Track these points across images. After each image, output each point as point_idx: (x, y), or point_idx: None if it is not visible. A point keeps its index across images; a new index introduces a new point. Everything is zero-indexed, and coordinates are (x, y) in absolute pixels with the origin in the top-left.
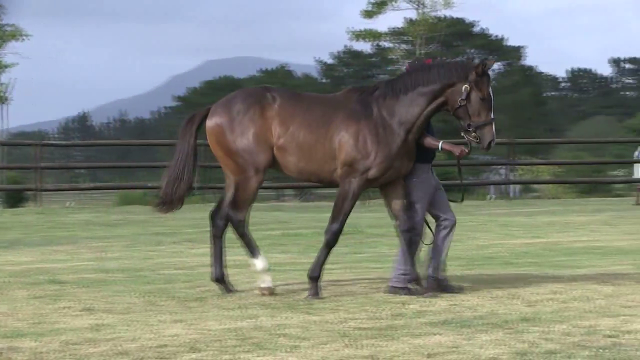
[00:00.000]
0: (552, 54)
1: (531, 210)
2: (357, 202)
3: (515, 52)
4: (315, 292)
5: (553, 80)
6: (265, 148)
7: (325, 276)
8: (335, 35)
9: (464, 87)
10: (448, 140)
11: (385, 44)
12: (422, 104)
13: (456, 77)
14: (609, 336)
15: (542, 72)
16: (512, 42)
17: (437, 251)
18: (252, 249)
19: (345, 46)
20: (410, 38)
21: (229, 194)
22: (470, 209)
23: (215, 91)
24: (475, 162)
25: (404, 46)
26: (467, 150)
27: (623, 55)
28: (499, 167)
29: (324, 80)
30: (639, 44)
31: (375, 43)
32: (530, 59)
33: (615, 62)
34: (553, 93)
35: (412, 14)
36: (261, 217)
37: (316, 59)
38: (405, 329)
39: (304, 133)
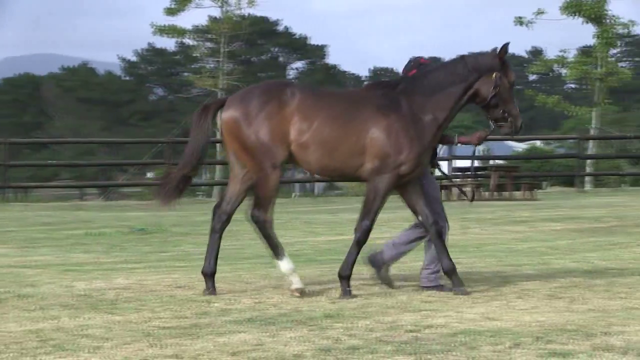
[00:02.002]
0: (355, 53)
1: (335, 207)
2: None
3: (319, 51)
4: (347, 291)
5: (356, 78)
6: (282, 144)
7: (129, 276)
8: (140, 33)
9: (495, 75)
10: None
11: (189, 42)
12: (455, 98)
13: (485, 67)
14: (410, 331)
15: (346, 71)
16: (315, 40)
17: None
18: (276, 251)
19: (149, 44)
20: (214, 36)
21: (232, 188)
22: (274, 207)
23: (14, 88)
24: None
25: (208, 44)
26: (484, 135)
27: (423, 55)
28: None
29: (127, 78)
30: (438, 43)
31: (179, 41)
32: (333, 58)
33: None
34: None
35: (216, 12)
36: (63, 217)
37: (119, 56)
38: (209, 327)
39: (329, 129)
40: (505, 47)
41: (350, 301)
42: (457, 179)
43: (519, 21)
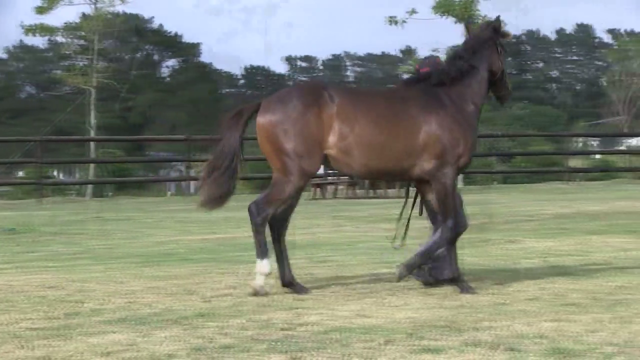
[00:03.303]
0: (227, 52)
1: None
2: (32, 200)
3: (192, 49)
4: (468, 288)
5: (229, 77)
6: (316, 152)
7: None
8: (10, 29)
9: (499, 49)
10: None
11: (60, 39)
12: (486, 79)
13: (490, 43)
14: (283, 329)
15: (218, 69)
16: (187, 38)
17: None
18: (262, 250)
19: (21, 41)
20: (86, 33)
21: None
22: (147, 206)
23: None
24: (154, 159)
25: (79, 41)
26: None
27: (297, 53)
28: (178, 163)
29: None
30: (311, 43)
31: (50, 38)
32: (205, 56)
33: (289, 60)
34: (230, 90)
35: (88, 9)
36: None
37: None
38: (81, 328)
39: (373, 132)
40: (498, 18)
41: (223, 300)
42: (331, 177)
43: (392, 20)
